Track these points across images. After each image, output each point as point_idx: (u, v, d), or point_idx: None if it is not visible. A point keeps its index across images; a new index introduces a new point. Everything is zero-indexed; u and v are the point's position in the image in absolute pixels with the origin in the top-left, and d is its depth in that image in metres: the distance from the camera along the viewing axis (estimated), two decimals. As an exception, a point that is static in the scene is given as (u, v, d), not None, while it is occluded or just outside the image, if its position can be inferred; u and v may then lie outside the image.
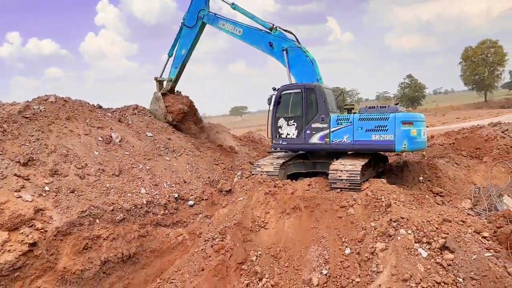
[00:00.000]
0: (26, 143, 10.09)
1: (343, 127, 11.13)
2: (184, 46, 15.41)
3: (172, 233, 10.72)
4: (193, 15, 15.02)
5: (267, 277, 9.12)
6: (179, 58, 15.58)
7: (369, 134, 10.72)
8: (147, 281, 9.95)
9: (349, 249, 8.93)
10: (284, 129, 12.01)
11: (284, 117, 12.08)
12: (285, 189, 10.80)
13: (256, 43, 13.45)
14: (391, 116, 10.51)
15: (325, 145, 11.44)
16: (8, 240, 7.93)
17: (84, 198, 9.69)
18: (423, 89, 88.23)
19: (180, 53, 15.54)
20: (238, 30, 13.79)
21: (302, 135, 11.70)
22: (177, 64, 15.66)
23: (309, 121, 11.64)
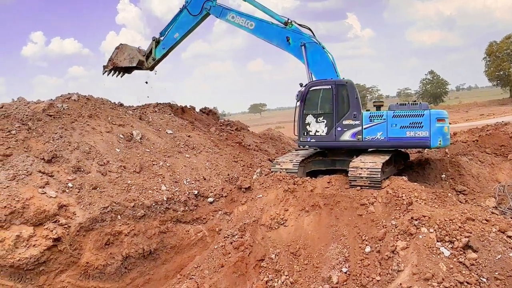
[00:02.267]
0: (50, 140, 10.33)
1: (376, 124, 11.10)
2: (179, 31, 14.52)
3: (192, 229, 10.82)
4: (198, 2, 13.92)
5: (287, 274, 9.11)
6: (170, 41, 14.80)
7: (404, 131, 10.83)
8: (168, 276, 10.08)
9: (369, 247, 8.84)
10: (312, 126, 11.71)
11: (313, 114, 11.74)
12: (304, 187, 10.74)
13: (270, 37, 12.82)
14: (426, 113, 10.66)
15: (357, 142, 11.34)
16: (33, 235, 8.14)
17: (106, 194, 9.87)
18: (445, 85, 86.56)
19: (172, 36, 14.69)
20: (250, 23, 13.01)
21: (333, 132, 11.50)
22: (166, 46, 14.94)
23: (340, 118, 11.44)
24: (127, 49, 14.95)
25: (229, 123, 18.01)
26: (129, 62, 14.72)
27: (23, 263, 7.77)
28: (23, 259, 7.77)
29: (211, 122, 17.33)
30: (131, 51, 14.91)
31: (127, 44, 15.11)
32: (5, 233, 7.88)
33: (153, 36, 14.89)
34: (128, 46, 15.02)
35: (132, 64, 14.67)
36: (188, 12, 13.93)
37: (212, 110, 19.35)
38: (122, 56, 14.86)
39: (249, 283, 9.25)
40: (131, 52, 14.82)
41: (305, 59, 12.28)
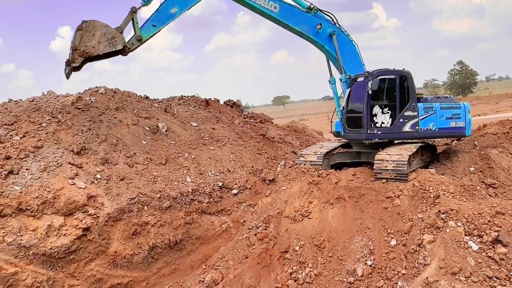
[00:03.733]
0: (79, 133, 10.59)
1: (429, 115, 11.61)
2: (179, 4, 10.72)
3: (217, 221, 10.92)
4: None
5: (311, 266, 9.13)
6: (165, 17, 10.64)
7: (448, 121, 11.81)
8: (193, 267, 10.22)
9: (395, 240, 8.76)
10: (379, 117, 11.41)
11: (379, 104, 11.46)
12: (329, 179, 10.70)
13: (297, 22, 11.52)
14: (462, 105, 11.92)
15: (415, 133, 11.55)
16: (64, 224, 8.39)
17: (133, 186, 10.05)
18: (474, 76, 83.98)
19: (169, 10, 10.62)
20: (274, 5, 11.18)
21: (396, 124, 11.39)
22: (159, 23, 10.65)
23: (401, 109, 11.40)
24: (98, 26, 9.87)
25: (253, 115, 18.03)
26: (110, 46, 9.82)
27: (54, 252, 8.01)
28: (54, 248, 8.02)
29: (235, 115, 17.37)
30: (106, 30, 9.97)
31: (95, 20, 9.90)
32: (37, 222, 8.14)
33: (132, 7, 10.17)
34: (98, 22, 9.94)
35: (115, 47, 9.88)
36: None
37: (236, 102, 19.36)
38: (94, 38, 9.80)
39: (273, 274, 9.30)
40: (107, 31, 9.90)
41: (336, 49, 11.80)
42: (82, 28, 9.89)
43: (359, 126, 11.41)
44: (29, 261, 7.79)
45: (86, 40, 9.91)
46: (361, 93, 11.41)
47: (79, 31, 9.91)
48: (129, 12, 10.08)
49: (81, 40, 9.88)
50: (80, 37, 9.91)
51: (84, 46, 9.92)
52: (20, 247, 7.69)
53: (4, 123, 9.78)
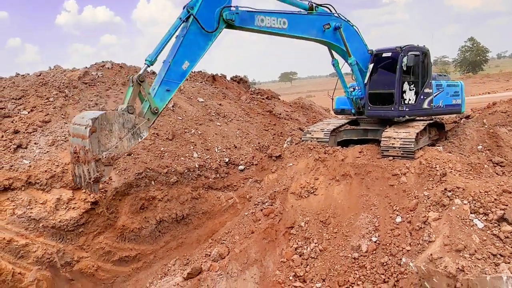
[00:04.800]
0: (86, 107, 10.59)
1: (439, 92, 11.81)
2: (190, 58, 8.42)
3: (223, 196, 11.00)
4: (209, 12, 8.50)
5: (316, 242, 9.18)
6: (178, 76, 8.35)
7: (451, 99, 12.25)
8: (199, 241, 10.38)
9: (400, 217, 8.77)
10: (407, 94, 11.23)
11: (408, 81, 11.21)
12: (335, 156, 10.66)
13: (305, 31, 10.35)
14: (460, 84, 12.54)
15: (430, 110, 11.64)
16: (72, 198, 8.51)
17: (140, 161, 10.11)
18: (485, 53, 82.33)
19: (180, 67, 8.28)
20: (283, 21, 9.89)
21: (418, 101, 11.32)
22: (173, 85, 8.37)
23: (423, 86, 11.35)
24: (112, 118, 7.34)
25: (260, 91, 17.90)
26: (136, 138, 7.66)
27: (63, 224, 8.16)
28: (63, 221, 8.16)
29: (242, 91, 17.27)
30: (122, 119, 7.47)
31: (106, 113, 7.33)
32: (47, 196, 8.27)
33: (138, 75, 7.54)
34: (109, 113, 7.43)
35: (141, 137, 7.76)
36: (200, 26, 8.23)
37: (243, 78, 19.20)
38: (113, 135, 7.36)
39: (278, 249, 9.36)
40: (125, 120, 7.49)
41: (344, 40, 11.04)
42: (95, 129, 7.10)
43: (388, 102, 11.16)
44: (39, 234, 7.94)
45: (105, 141, 7.27)
46: (390, 68, 11.19)
47: (93, 133, 7.09)
48: (134, 82, 7.42)
49: (99, 145, 7.17)
50: (97, 142, 7.15)
51: (106, 151, 7.27)
52: (30, 219, 7.83)
53: (12, 97, 9.81)
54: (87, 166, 6.91)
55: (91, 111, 7.48)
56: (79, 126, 6.96)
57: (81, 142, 6.87)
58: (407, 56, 10.72)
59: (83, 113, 7.31)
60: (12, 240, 7.47)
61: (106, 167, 7.12)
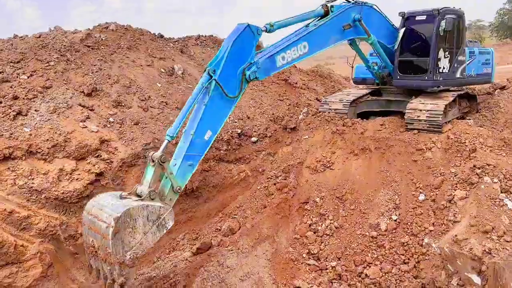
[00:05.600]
0: (89, 73, 10.50)
1: (472, 60, 11.42)
2: (212, 127, 7.81)
3: (235, 169, 10.97)
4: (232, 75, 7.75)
5: (331, 218, 9.14)
6: (200, 147, 7.76)
7: (482, 67, 11.89)
8: (210, 215, 10.39)
9: (423, 195, 8.66)
10: (442, 62, 10.74)
11: (443, 47, 10.68)
12: (354, 129, 10.50)
13: (328, 41, 9.60)
14: (491, 51, 12.13)
15: (462, 79, 11.33)
16: (75, 169, 8.51)
17: (147, 130, 10.08)
18: (526, 17, 79.10)
19: (202, 137, 7.74)
20: (303, 45, 9.10)
21: (452, 69, 10.96)
22: (196, 159, 7.74)
23: (457, 53, 10.96)
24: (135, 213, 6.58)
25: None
26: (161, 230, 7.05)
27: (66, 196, 8.19)
28: (66, 192, 8.19)
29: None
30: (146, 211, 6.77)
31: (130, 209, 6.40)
32: (49, 166, 8.27)
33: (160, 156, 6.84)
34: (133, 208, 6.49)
35: (167, 227, 7.20)
36: (223, 92, 7.59)
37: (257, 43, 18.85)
38: (137, 231, 6.67)
39: (291, 225, 9.37)
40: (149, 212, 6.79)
41: (367, 31, 10.19)
42: (119, 230, 6.37)
43: (420, 71, 10.75)
44: (42, 205, 8.00)
45: (128, 240, 6.54)
46: (424, 33, 10.81)
47: (117, 234, 6.33)
48: (156, 163, 6.85)
49: (123, 245, 6.47)
50: (121, 242, 6.45)
51: (131, 250, 6.56)
52: (31, 190, 7.87)
53: (10, 60, 9.72)
54: (109, 266, 6.49)
55: (108, 197, 6.80)
56: (98, 221, 6.39)
57: (101, 241, 6.34)
58: (445, 20, 10.18)
59: (100, 200, 6.74)
60: (14, 212, 7.53)
61: (131, 269, 6.60)
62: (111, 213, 6.13)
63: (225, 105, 7.76)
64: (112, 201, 6.48)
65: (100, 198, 6.75)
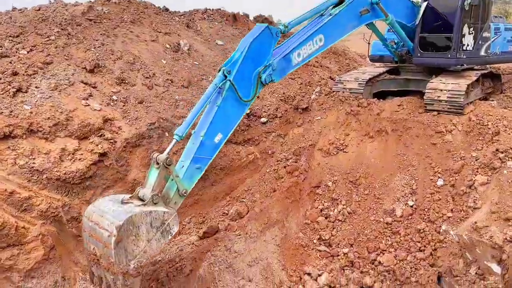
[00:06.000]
0: (91, 48, 10.42)
1: (497, 37, 11.23)
2: (223, 130, 7.83)
3: (243, 151, 10.93)
4: (247, 77, 7.76)
5: (344, 203, 9.14)
6: (210, 150, 7.78)
7: (508, 45, 11.67)
8: (217, 198, 10.42)
9: (442, 180, 8.61)
10: (466, 38, 10.56)
11: (468, 23, 10.49)
12: (370, 109, 10.40)
13: (344, 30, 9.43)
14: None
15: (487, 57, 11.15)
16: (78, 148, 8.49)
17: (152, 109, 10.04)
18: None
19: (212, 140, 7.71)
20: (318, 39, 9.01)
21: (476, 46, 10.80)
22: (204, 162, 7.74)
23: (481, 29, 10.76)
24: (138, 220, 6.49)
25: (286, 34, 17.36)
26: (166, 236, 6.97)
27: (69, 177, 8.19)
28: (69, 173, 8.18)
29: (266, 33, 16.78)
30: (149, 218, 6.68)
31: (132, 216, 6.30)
32: (50, 145, 8.25)
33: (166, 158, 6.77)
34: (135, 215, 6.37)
35: (172, 233, 7.11)
36: (237, 94, 7.56)
37: (268, 18, 18.63)
38: (140, 239, 6.62)
39: (302, 210, 9.39)
40: (152, 218, 6.72)
41: (385, 13, 9.95)
42: (121, 238, 6.32)
43: (443, 48, 10.58)
44: (43, 186, 8.00)
45: (132, 248, 6.47)
46: (448, 8, 10.56)
47: (119, 243, 6.27)
48: (160, 165, 6.76)
49: (126, 254, 6.43)
50: (124, 251, 6.41)
51: (134, 259, 6.51)
52: (32, 170, 7.86)
53: (9, 34, 9.65)
54: (112, 275, 6.42)
55: (109, 202, 6.64)
56: (99, 228, 6.28)
57: (103, 250, 6.26)
58: None
59: (100, 206, 6.58)
60: (14, 192, 7.52)
61: (135, 278, 6.55)
62: (113, 221, 6.04)
63: (238, 108, 7.73)
64: (113, 207, 6.36)
65: (101, 203, 6.64)
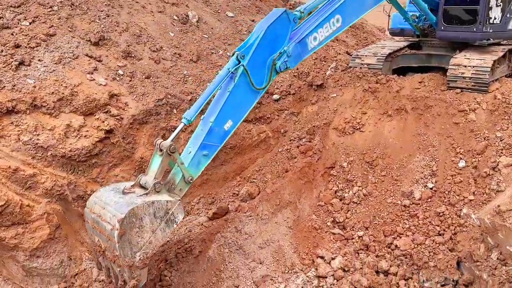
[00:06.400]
0: (96, 19, 10.37)
1: None
2: (234, 117, 7.76)
3: (254, 129, 10.93)
4: (262, 63, 7.68)
5: (359, 185, 9.16)
6: (219, 137, 7.73)
7: None
8: (227, 178, 10.50)
9: (464, 161, 8.56)
10: (493, 11, 10.31)
11: None
12: (389, 86, 10.30)
13: (362, 8, 9.31)
14: None
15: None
16: (83, 125, 8.55)
17: (160, 85, 10.03)
18: None
19: (222, 127, 7.66)
20: (336, 19, 8.83)
21: (504, 20, 10.53)
22: (212, 149, 7.62)
23: (510, 2, 10.47)
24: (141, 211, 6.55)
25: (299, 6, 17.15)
26: (170, 225, 7.07)
27: (74, 154, 8.27)
28: (74, 150, 8.25)
29: (279, 4, 16.61)
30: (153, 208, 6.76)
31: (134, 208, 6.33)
32: (55, 121, 8.31)
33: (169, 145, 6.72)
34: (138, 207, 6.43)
35: (177, 222, 7.19)
36: (250, 81, 7.52)
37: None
38: (144, 230, 6.73)
39: (316, 191, 9.43)
40: (156, 208, 6.80)
41: None
42: (124, 231, 6.40)
43: (468, 21, 10.36)
44: (48, 163, 8.09)
45: (136, 240, 6.59)
46: None
47: (123, 236, 6.37)
48: (164, 152, 6.75)
49: (131, 246, 6.54)
50: (128, 244, 6.53)
51: (140, 251, 6.62)
52: (37, 147, 7.94)
53: (10, 5, 9.60)
54: (119, 267, 6.58)
55: (110, 192, 6.67)
56: (101, 220, 6.38)
57: (107, 242, 6.41)
58: None
59: (101, 196, 6.62)
60: (18, 169, 7.61)
61: (142, 270, 6.65)
62: (115, 213, 6.10)
63: (250, 95, 7.71)
64: (114, 198, 6.42)
65: (102, 194, 6.68)
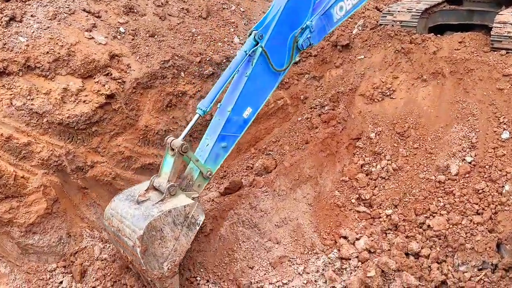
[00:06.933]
0: (96, -29, 10.12)
1: None
2: (253, 102, 7.76)
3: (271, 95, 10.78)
4: (281, 42, 7.61)
5: (389, 158, 8.97)
6: (238, 126, 7.72)
7: None
8: (240, 150, 10.40)
9: (507, 132, 8.25)
10: None
11: None
12: (424, 47, 9.99)
13: None
14: None
15: None
16: (82, 89, 8.38)
17: (166, 45, 9.86)
18: None
19: (241, 115, 7.65)
20: None
21: None
22: (231, 140, 7.75)
23: None
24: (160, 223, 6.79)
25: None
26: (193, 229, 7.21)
27: (72, 121, 8.12)
28: (72, 116, 8.10)
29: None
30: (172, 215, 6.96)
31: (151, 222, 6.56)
32: (50, 84, 8.12)
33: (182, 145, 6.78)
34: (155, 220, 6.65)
35: (199, 224, 7.34)
36: (269, 62, 7.43)
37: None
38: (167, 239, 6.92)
39: (339, 165, 9.31)
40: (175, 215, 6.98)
41: None
42: (146, 247, 6.60)
43: None
44: (44, 131, 7.97)
45: (161, 251, 6.84)
46: None
47: (146, 252, 6.61)
48: (176, 152, 6.77)
49: (156, 259, 6.78)
50: (154, 257, 6.77)
51: (167, 261, 6.90)
52: (31, 113, 7.80)
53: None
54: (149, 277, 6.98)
55: (125, 203, 6.83)
56: (122, 235, 6.65)
57: (132, 256, 6.76)
58: None
59: (117, 209, 6.86)
60: (12, 137, 7.50)
61: (172, 278, 6.95)
62: (134, 229, 6.38)
63: (270, 78, 7.67)
64: (130, 210, 6.63)
65: (117, 205, 6.93)
